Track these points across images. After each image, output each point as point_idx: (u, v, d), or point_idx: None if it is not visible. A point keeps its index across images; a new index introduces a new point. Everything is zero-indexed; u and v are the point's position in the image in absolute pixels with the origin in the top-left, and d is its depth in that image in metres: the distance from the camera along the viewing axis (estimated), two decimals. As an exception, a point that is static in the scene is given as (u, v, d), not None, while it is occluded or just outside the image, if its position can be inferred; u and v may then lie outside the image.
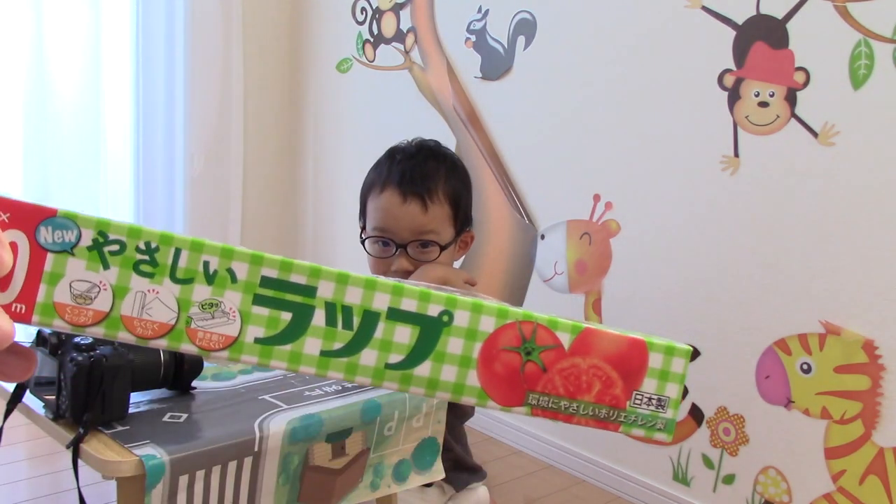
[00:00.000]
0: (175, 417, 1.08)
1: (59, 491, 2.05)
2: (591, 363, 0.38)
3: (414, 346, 0.37)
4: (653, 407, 0.38)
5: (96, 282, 0.34)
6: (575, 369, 0.38)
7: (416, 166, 1.37)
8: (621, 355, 0.38)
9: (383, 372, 0.37)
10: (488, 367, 0.37)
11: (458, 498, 1.47)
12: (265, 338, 0.36)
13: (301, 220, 3.07)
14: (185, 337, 0.35)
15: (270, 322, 0.36)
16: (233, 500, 1.05)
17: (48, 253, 0.34)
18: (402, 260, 1.35)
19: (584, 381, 0.38)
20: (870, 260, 1.69)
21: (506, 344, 0.37)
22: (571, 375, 0.37)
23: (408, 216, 1.34)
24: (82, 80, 2.58)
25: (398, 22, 2.62)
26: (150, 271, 0.34)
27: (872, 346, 1.69)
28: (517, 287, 2.38)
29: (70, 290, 0.34)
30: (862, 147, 1.69)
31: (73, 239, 0.34)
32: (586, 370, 0.38)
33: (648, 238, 2.05)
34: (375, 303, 0.37)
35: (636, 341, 0.38)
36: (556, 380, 0.38)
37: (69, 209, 0.34)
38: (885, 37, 1.63)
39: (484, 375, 0.37)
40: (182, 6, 2.68)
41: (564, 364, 0.38)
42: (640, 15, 2.02)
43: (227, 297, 0.35)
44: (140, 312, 0.35)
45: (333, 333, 0.36)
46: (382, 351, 0.37)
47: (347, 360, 0.37)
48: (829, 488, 1.78)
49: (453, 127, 2.48)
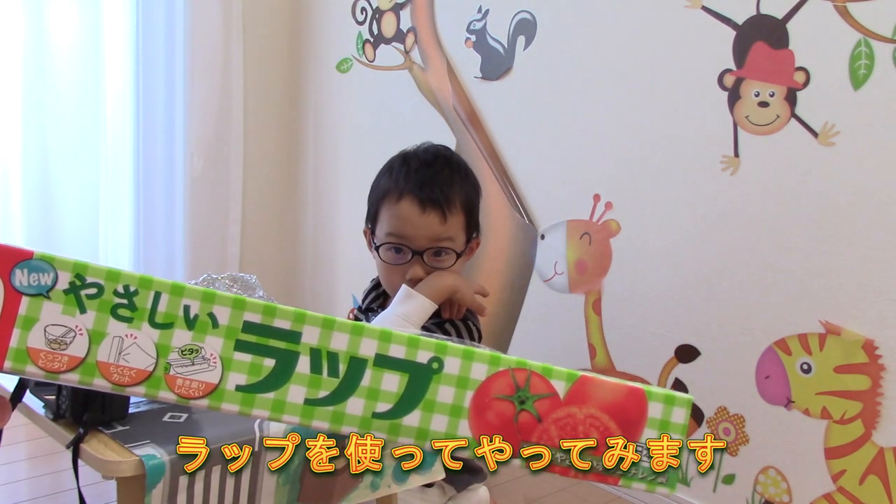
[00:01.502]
0: (175, 417, 1.08)
1: (59, 491, 2.05)
2: (588, 413, 0.36)
3: (402, 395, 0.35)
4: (662, 475, 0.36)
5: (72, 326, 0.32)
6: (571, 419, 0.35)
7: (433, 175, 1.37)
8: (619, 405, 0.36)
9: (370, 421, 0.36)
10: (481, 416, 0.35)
11: (458, 498, 1.47)
12: (247, 385, 0.34)
13: (301, 220, 3.07)
14: (164, 384, 0.33)
15: (253, 369, 0.34)
16: (233, 500, 1.05)
17: (23, 296, 0.32)
18: (416, 267, 1.35)
19: (581, 431, 0.36)
20: (870, 260, 1.69)
21: (498, 392, 0.35)
22: (567, 426, 0.35)
23: (426, 225, 1.34)
24: (82, 80, 2.58)
25: (398, 22, 2.62)
26: (129, 315, 0.33)
27: (872, 346, 1.69)
28: (517, 287, 2.38)
29: (45, 335, 0.32)
30: (862, 147, 1.69)
31: (50, 282, 0.32)
32: (583, 420, 0.36)
33: (648, 238, 2.05)
34: (362, 349, 0.35)
35: (635, 390, 0.36)
36: (551, 430, 0.36)
37: (45, 252, 0.32)
38: (885, 37, 1.63)
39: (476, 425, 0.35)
40: (182, 6, 2.68)
41: (560, 413, 0.36)
42: (640, 15, 2.02)
43: (209, 342, 0.34)
44: (117, 358, 0.33)
45: (319, 381, 0.35)
46: (370, 399, 0.35)
47: (333, 409, 0.35)
48: (829, 488, 1.78)
49: (453, 127, 2.48)
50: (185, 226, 2.79)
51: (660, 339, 2.05)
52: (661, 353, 2.05)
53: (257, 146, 3.00)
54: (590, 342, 2.20)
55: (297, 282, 3.10)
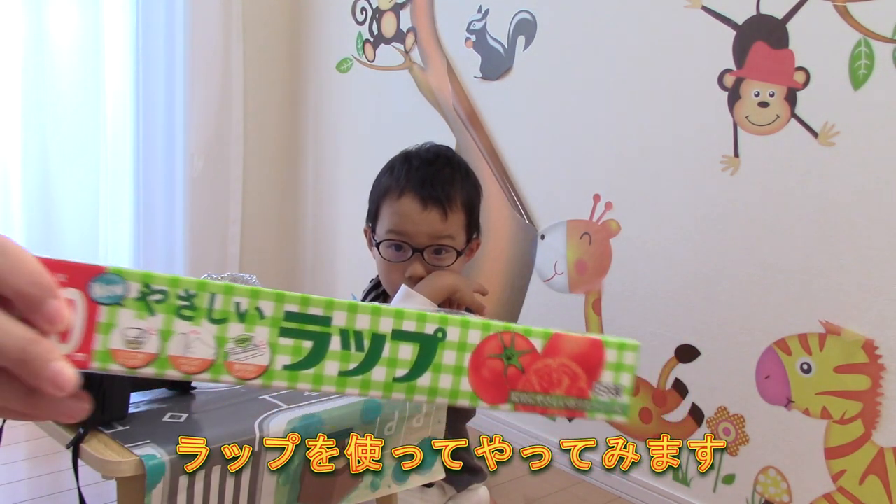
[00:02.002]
0: (175, 417, 1.08)
1: (59, 491, 2.05)
2: (560, 362, 0.45)
3: (416, 361, 0.43)
4: (611, 395, 0.46)
5: (145, 328, 0.39)
6: (547, 369, 0.45)
7: (435, 173, 1.37)
8: (583, 354, 0.45)
9: (392, 385, 0.43)
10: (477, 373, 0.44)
11: (458, 498, 1.47)
12: (291, 364, 0.41)
13: (301, 220, 3.07)
14: (224, 369, 0.40)
15: (295, 350, 0.41)
16: (233, 500, 1.05)
17: (100, 306, 0.38)
18: (416, 265, 1.35)
19: (555, 377, 0.45)
20: (870, 260, 1.69)
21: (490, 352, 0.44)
22: (544, 374, 0.45)
23: (427, 222, 1.34)
24: (82, 80, 2.58)
25: (398, 22, 2.62)
26: (191, 315, 0.40)
27: (872, 346, 1.69)
28: (517, 287, 2.38)
29: (123, 337, 0.39)
30: (862, 147, 1.69)
31: (122, 292, 0.39)
32: (556, 369, 0.45)
33: (648, 238, 2.05)
34: (381, 326, 0.43)
35: (594, 341, 0.45)
36: (532, 379, 0.45)
37: (117, 265, 0.39)
38: (885, 37, 1.63)
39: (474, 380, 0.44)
40: (182, 6, 2.68)
41: (538, 365, 0.44)
42: (640, 15, 2.02)
43: (258, 331, 0.41)
44: (184, 352, 0.40)
45: (348, 356, 0.42)
46: (390, 367, 0.43)
47: (361, 378, 0.42)
48: (829, 488, 1.78)
49: (453, 127, 2.48)
50: (185, 226, 2.79)
51: (660, 339, 2.05)
52: (661, 353, 2.05)
53: (257, 146, 3.00)
54: (590, 342, 2.20)
55: (297, 282, 3.10)
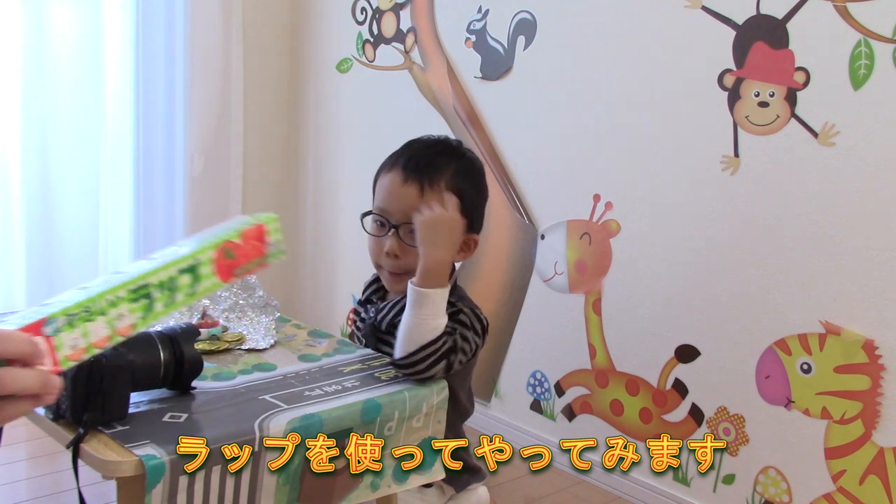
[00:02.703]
0: (175, 417, 1.08)
1: (59, 491, 2.05)
2: (250, 244, 0.77)
3: (191, 280, 0.73)
4: (275, 247, 0.79)
5: (76, 336, 0.63)
6: (246, 250, 0.76)
7: (426, 155, 1.39)
8: (257, 235, 0.78)
9: (189, 297, 0.73)
10: (219, 270, 0.75)
11: (458, 498, 1.47)
12: (142, 317, 0.69)
13: (301, 220, 3.07)
14: (117, 336, 0.67)
15: (141, 308, 0.69)
16: (233, 500, 1.05)
17: (51, 337, 0.62)
18: (392, 241, 1.37)
19: (251, 252, 0.77)
20: (870, 260, 1.69)
21: (220, 257, 0.75)
22: (245, 253, 0.76)
23: (403, 197, 1.36)
24: (82, 79, 2.58)
25: (398, 22, 2.62)
26: (91, 317, 0.64)
27: (872, 346, 1.69)
28: (517, 287, 2.38)
29: (70, 347, 0.63)
30: (862, 147, 1.69)
31: (58, 325, 0.62)
32: (249, 248, 0.77)
33: (648, 238, 2.05)
34: (173, 272, 0.72)
35: (258, 225, 0.78)
36: (241, 260, 0.76)
37: (51, 312, 0.63)
38: (885, 37, 1.63)
39: (218, 274, 0.75)
40: (182, 6, 2.68)
41: (241, 251, 0.76)
42: (640, 15, 2.02)
43: (121, 308, 0.67)
44: (96, 338, 0.65)
45: (167, 296, 0.71)
46: (183, 288, 0.73)
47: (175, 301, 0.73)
48: (829, 488, 1.78)
49: (453, 127, 2.48)
50: (185, 226, 2.79)
51: (660, 339, 2.05)
52: (661, 353, 2.05)
53: (257, 146, 3.00)
54: (590, 342, 2.20)
55: (297, 282, 3.10)
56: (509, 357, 2.42)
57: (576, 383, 2.26)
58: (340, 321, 2.95)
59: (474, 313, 1.36)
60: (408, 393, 1.21)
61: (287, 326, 1.50)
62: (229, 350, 1.36)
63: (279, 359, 1.33)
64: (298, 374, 1.26)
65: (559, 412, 2.31)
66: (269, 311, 1.47)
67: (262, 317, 1.46)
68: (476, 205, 1.43)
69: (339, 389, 1.20)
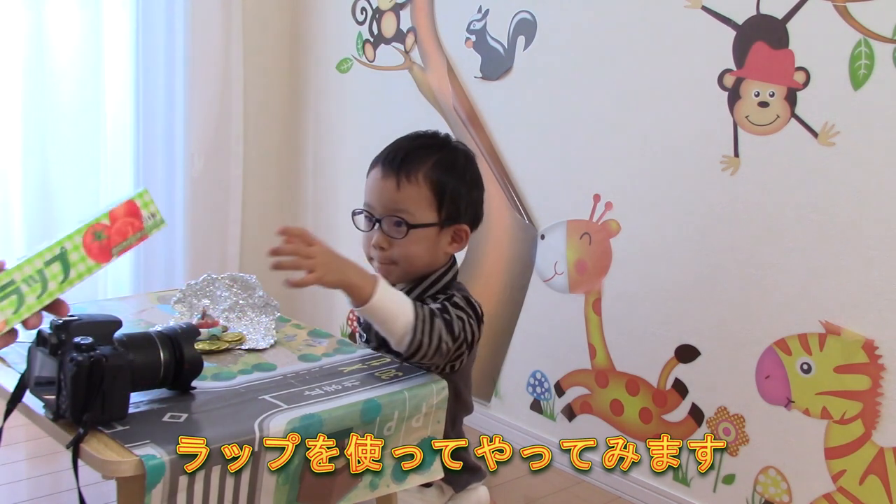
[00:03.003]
0: (175, 417, 1.08)
1: (59, 491, 2.05)
2: (122, 221, 0.82)
3: (62, 269, 0.81)
4: (152, 219, 0.87)
5: None
6: (119, 229, 0.81)
7: (404, 148, 1.40)
8: (129, 211, 0.83)
9: (62, 285, 0.83)
10: (91, 252, 0.84)
11: (457, 498, 1.47)
12: (38, 296, 0.80)
13: (301, 220, 3.07)
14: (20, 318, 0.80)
15: (32, 291, 0.81)
16: (233, 500, 1.05)
17: None
18: (378, 234, 1.39)
19: (125, 230, 0.82)
20: (869, 260, 1.69)
21: (90, 241, 0.82)
22: (119, 232, 0.81)
23: (383, 191, 1.38)
24: (82, 80, 2.58)
25: (398, 22, 2.62)
26: None
27: (872, 346, 1.70)
28: (517, 287, 2.38)
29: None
30: (862, 147, 1.69)
31: None
32: (122, 226, 0.82)
33: (648, 238, 2.05)
34: (39, 264, 0.83)
35: (129, 202, 0.85)
36: (116, 238, 0.82)
37: None
38: (885, 37, 1.63)
39: (92, 256, 0.84)
40: (182, 6, 2.67)
41: (113, 230, 0.82)
42: (640, 15, 2.02)
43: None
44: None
45: (38, 287, 0.80)
46: (55, 278, 0.83)
47: (50, 291, 0.82)
48: (829, 488, 1.78)
49: (453, 127, 2.48)
50: (185, 226, 2.79)
51: (660, 339, 2.05)
52: (661, 353, 2.05)
53: (257, 146, 2.99)
54: (590, 342, 2.20)
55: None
56: (509, 357, 2.42)
57: (576, 383, 2.26)
58: (340, 321, 2.95)
59: (467, 299, 1.37)
60: (407, 393, 1.21)
61: (287, 326, 1.50)
62: (229, 350, 1.36)
63: (279, 359, 1.33)
64: (298, 373, 1.26)
65: (559, 412, 2.31)
66: (269, 311, 1.47)
67: (262, 317, 1.46)
68: (460, 195, 1.41)
69: (339, 389, 1.20)
